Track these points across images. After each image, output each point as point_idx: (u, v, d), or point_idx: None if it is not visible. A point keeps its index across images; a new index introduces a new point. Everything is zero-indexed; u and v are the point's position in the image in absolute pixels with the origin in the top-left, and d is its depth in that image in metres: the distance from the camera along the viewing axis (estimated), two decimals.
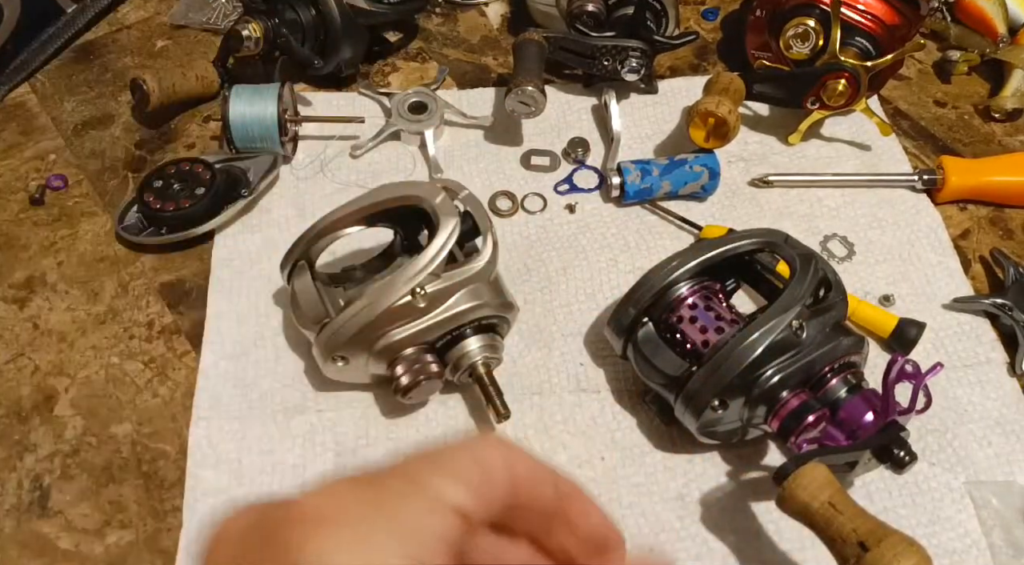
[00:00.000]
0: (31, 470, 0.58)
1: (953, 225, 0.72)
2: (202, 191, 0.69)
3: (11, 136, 0.78)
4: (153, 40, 0.87)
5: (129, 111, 0.80)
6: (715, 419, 0.53)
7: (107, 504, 0.57)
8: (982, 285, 0.69)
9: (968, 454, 0.59)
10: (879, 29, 0.74)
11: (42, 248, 0.70)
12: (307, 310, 0.58)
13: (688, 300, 0.57)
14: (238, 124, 0.71)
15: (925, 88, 0.84)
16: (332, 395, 0.61)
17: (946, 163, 0.73)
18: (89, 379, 0.63)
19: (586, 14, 0.78)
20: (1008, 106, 0.79)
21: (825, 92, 0.72)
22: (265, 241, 0.70)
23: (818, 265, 0.56)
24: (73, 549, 0.55)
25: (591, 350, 0.64)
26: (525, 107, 0.71)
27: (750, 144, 0.77)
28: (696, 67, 0.85)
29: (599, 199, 0.73)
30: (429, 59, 0.85)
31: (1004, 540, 0.55)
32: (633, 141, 0.78)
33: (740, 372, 0.51)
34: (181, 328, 0.65)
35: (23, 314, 0.66)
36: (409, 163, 0.76)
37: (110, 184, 0.75)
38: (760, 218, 0.72)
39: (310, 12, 0.76)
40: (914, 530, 0.55)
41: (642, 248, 0.70)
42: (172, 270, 0.69)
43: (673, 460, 0.59)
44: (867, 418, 0.53)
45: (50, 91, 0.82)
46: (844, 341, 0.54)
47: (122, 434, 0.60)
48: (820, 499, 0.48)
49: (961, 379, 0.63)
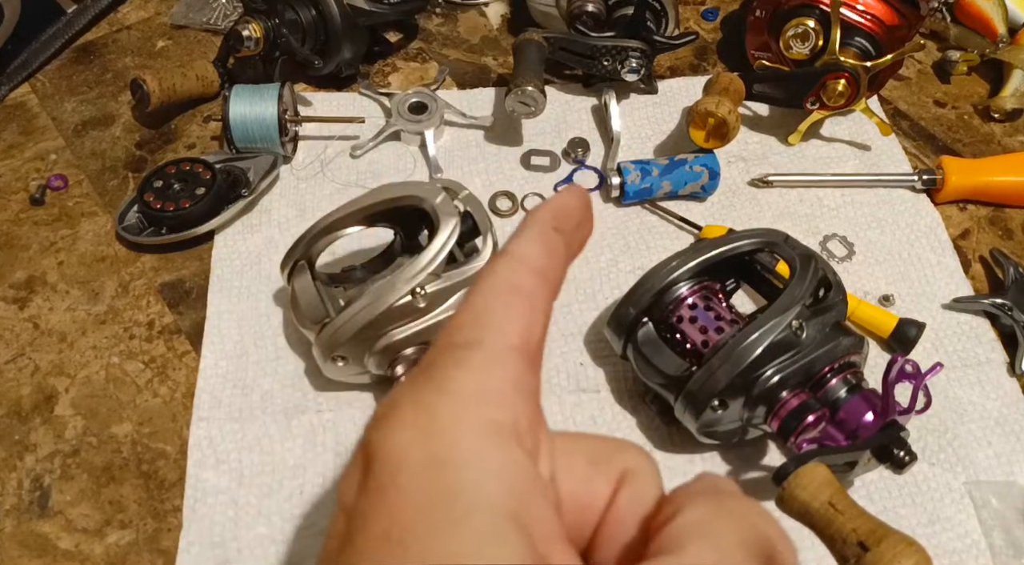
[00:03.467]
0: (31, 470, 0.58)
1: (953, 225, 0.72)
2: (202, 191, 0.69)
3: (11, 136, 0.78)
4: (153, 40, 0.87)
5: (129, 111, 0.80)
6: (715, 419, 0.53)
7: (107, 504, 0.57)
8: (982, 285, 0.69)
9: (968, 454, 0.59)
10: (879, 29, 0.74)
11: (42, 248, 0.70)
12: (307, 310, 0.58)
13: (688, 300, 0.57)
14: (238, 124, 0.71)
15: (925, 88, 0.84)
16: (332, 395, 0.61)
17: (946, 163, 0.73)
18: (89, 379, 0.63)
19: (586, 14, 0.78)
20: (1008, 106, 0.79)
21: (825, 92, 0.72)
22: (265, 241, 0.70)
23: (818, 265, 0.56)
24: (73, 549, 0.55)
25: (591, 350, 0.64)
26: (525, 107, 0.71)
27: (750, 144, 0.77)
28: (696, 67, 0.85)
29: (599, 199, 0.73)
30: (429, 59, 0.85)
31: (1004, 540, 0.55)
32: (633, 141, 0.78)
33: (740, 372, 0.51)
34: (181, 328, 0.65)
35: (23, 314, 0.66)
36: (409, 163, 0.76)
37: (110, 184, 0.75)
38: (760, 218, 0.72)
39: (310, 12, 0.76)
40: (914, 530, 0.55)
41: (642, 248, 0.70)
42: (172, 270, 0.69)
43: (673, 460, 0.59)
44: (867, 418, 0.53)
45: (50, 91, 0.82)
46: (844, 341, 0.54)
47: (122, 434, 0.60)
48: (820, 499, 0.48)
49: (961, 379, 0.63)
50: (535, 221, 0.24)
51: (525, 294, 0.23)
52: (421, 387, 0.21)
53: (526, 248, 0.24)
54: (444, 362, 0.21)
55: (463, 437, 0.20)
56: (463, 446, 0.19)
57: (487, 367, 0.21)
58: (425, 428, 0.20)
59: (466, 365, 0.21)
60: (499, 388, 0.21)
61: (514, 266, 0.23)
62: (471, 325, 0.22)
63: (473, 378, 0.21)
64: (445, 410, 0.20)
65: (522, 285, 0.23)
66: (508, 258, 0.23)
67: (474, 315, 0.22)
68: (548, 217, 0.25)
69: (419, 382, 0.21)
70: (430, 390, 0.21)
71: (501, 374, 0.21)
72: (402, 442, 0.20)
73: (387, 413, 0.20)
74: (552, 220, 0.25)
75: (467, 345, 0.21)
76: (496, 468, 0.19)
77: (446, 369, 0.21)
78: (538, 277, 0.23)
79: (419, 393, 0.21)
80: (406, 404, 0.20)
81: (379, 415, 0.21)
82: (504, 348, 0.21)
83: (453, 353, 0.21)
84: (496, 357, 0.21)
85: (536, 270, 0.23)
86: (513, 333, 0.22)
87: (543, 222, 0.24)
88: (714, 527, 0.21)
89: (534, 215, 0.25)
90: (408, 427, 0.20)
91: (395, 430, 0.20)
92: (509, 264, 0.23)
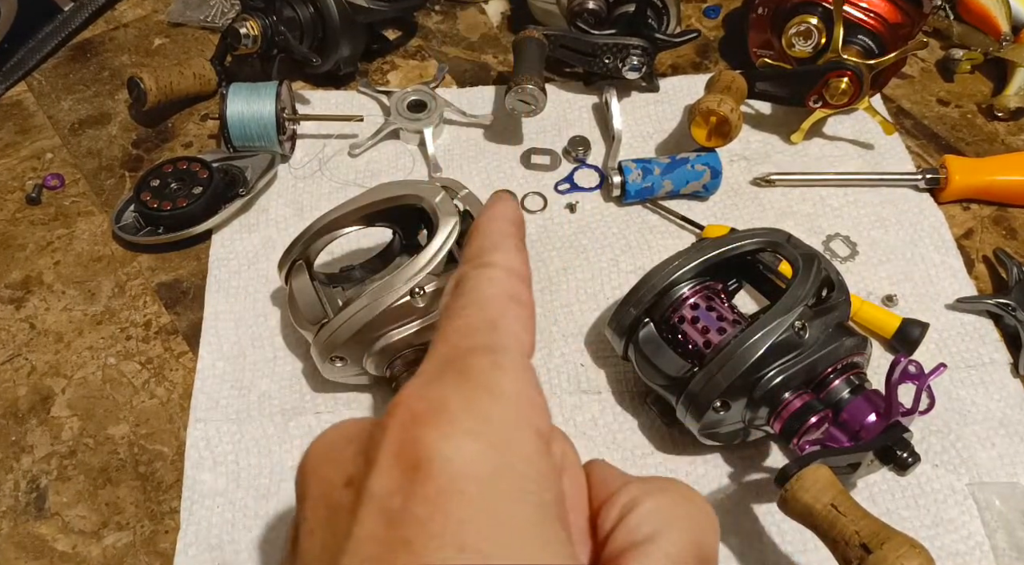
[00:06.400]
0: (28, 471, 0.58)
1: (956, 225, 0.72)
2: (199, 190, 0.68)
3: (8, 135, 0.78)
4: (150, 38, 0.86)
5: (126, 110, 0.80)
6: (717, 420, 0.53)
7: (104, 506, 0.56)
8: (985, 285, 0.68)
9: (971, 455, 0.58)
10: (882, 27, 0.74)
11: (39, 248, 0.70)
12: (305, 310, 0.58)
13: (690, 300, 0.57)
14: (236, 123, 0.71)
15: (928, 87, 0.83)
16: (331, 396, 0.61)
17: (949, 162, 0.72)
18: (86, 380, 0.62)
19: (587, 12, 0.78)
20: (1011, 105, 0.79)
21: (828, 90, 0.72)
22: (263, 241, 0.70)
23: (821, 265, 0.55)
24: (70, 551, 0.55)
25: (592, 351, 0.63)
26: (525, 105, 0.70)
27: (752, 143, 0.77)
28: (698, 65, 0.85)
29: (600, 198, 0.73)
30: (428, 57, 0.85)
31: (1007, 542, 0.54)
32: (634, 140, 0.77)
33: (742, 373, 0.51)
34: (178, 328, 0.65)
35: (19, 314, 0.66)
36: (408, 162, 0.76)
37: (107, 183, 0.74)
38: (762, 217, 0.72)
39: (308, 10, 0.76)
40: (917, 532, 0.54)
41: (643, 248, 0.70)
42: (169, 270, 0.68)
43: (675, 462, 0.58)
44: (870, 419, 0.52)
45: (47, 90, 0.81)
46: (847, 342, 0.53)
47: (119, 435, 0.59)
48: (823, 501, 0.47)
49: (964, 380, 0.62)
50: (506, 235, 0.26)
51: (524, 303, 0.24)
52: (466, 389, 0.21)
53: (514, 259, 0.25)
54: (481, 365, 0.21)
55: (521, 446, 0.20)
56: (521, 454, 0.20)
57: (520, 373, 0.21)
58: (486, 435, 0.20)
59: (503, 370, 0.21)
60: (533, 394, 0.21)
61: (511, 278, 0.24)
62: (488, 331, 0.22)
63: (514, 383, 0.21)
64: (502, 416, 0.20)
65: (521, 295, 0.24)
66: (502, 270, 0.24)
67: (488, 322, 0.23)
68: (515, 230, 0.26)
69: (460, 382, 0.21)
70: (481, 393, 0.21)
71: (531, 379, 0.22)
72: (465, 449, 0.19)
73: (436, 415, 0.20)
74: (519, 231, 0.26)
75: (493, 350, 0.22)
76: (546, 475, 0.20)
77: (486, 372, 0.21)
78: (528, 287, 0.25)
79: (469, 395, 0.20)
80: (457, 406, 0.20)
81: (423, 416, 0.20)
82: (523, 355, 0.22)
83: (485, 356, 0.21)
84: (522, 363, 0.22)
85: (525, 280, 0.25)
86: (527, 341, 0.23)
87: (514, 234, 0.26)
88: (677, 514, 0.23)
89: (502, 227, 0.26)
90: (469, 434, 0.20)
91: (454, 436, 0.19)
92: (507, 275, 0.24)
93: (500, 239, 0.25)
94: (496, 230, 0.26)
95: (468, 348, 0.22)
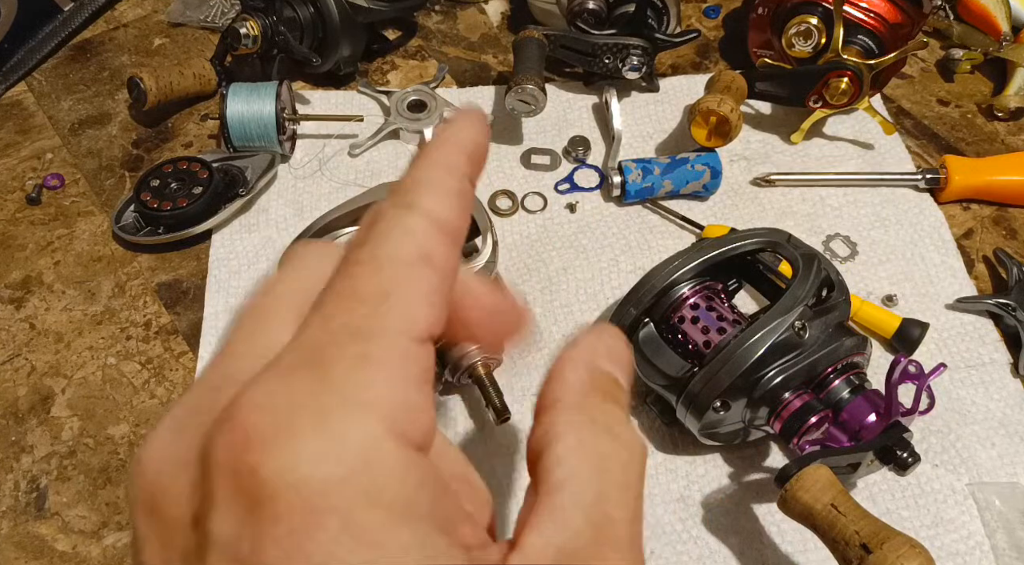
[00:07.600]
0: (28, 471, 0.58)
1: (956, 225, 0.72)
2: (199, 190, 0.68)
3: (8, 135, 0.78)
4: (150, 38, 0.86)
5: (126, 110, 0.80)
6: (717, 420, 0.53)
7: (104, 506, 0.56)
8: (985, 285, 0.68)
9: (971, 455, 0.58)
10: (882, 27, 0.74)
11: (39, 248, 0.70)
12: None
13: (690, 300, 0.57)
14: (236, 123, 0.71)
15: (928, 87, 0.83)
16: None
17: (949, 162, 0.72)
18: (86, 380, 0.62)
19: (587, 11, 0.78)
20: (1011, 105, 0.79)
21: (828, 90, 0.72)
22: (263, 241, 0.70)
23: (821, 265, 0.55)
24: (70, 551, 0.55)
25: None
26: (525, 105, 0.70)
27: (752, 143, 0.77)
28: (698, 65, 0.85)
29: (600, 198, 0.73)
30: (428, 57, 0.85)
31: (1007, 542, 0.54)
32: (634, 140, 0.77)
33: (742, 373, 0.51)
34: (178, 328, 0.65)
35: (20, 314, 0.66)
36: (408, 162, 0.75)
37: (107, 183, 0.74)
38: (762, 217, 0.72)
39: (308, 9, 0.76)
40: (917, 532, 0.54)
41: (643, 248, 0.70)
42: (169, 270, 0.68)
43: (674, 462, 0.58)
44: (870, 419, 0.52)
45: (47, 90, 0.81)
46: (847, 342, 0.53)
47: (119, 435, 0.59)
48: (823, 501, 0.47)
49: (964, 380, 0.62)
50: (450, 169, 0.20)
51: (438, 266, 0.19)
52: (321, 395, 0.17)
53: (443, 204, 0.19)
54: (345, 361, 0.17)
55: (384, 464, 0.17)
56: (386, 473, 0.17)
57: (395, 369, 0.18)
58: (341, 458, 0.16)
59: (372, 367, 0.17)
60: (409, 395, 0.18)
61: (430, 229, 0.19)
62: (375, 303, 0.18)
63: (384, 384, 0.17)
64: (361, 432, 0.17)
65: (435, 255, 0.19)
66: (422, 217, 0.19)
67: (380, 290, 0.18)
68: (464, 163, 0.21)
69: (315, 384, 0.17)
70: (337, 403, 0.17)
71: (409, 373, 0.18)
72: (315, 478, 0.16)
73: (276, 434, 0.16)
74: (467, 166, 0.21)
75: (367, 336, 0.18)
76: (420, 490, 0.17)
77: (349, 372, 0.17)
78: (453, 244, 0.19)
79: (323, 404, 0.17)
80: (305, 422, 0.16)
81: (261, 436, 0.16)
82: (410, 339, 0.18)
83: (353, 346, 0.17)
84: (402, 352, 0.18)
85: (452, 235, 0.19)
86: (423, 318, 0.18)
87: (459, 171, 0.20)
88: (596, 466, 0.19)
89: (447, 159, 0.20)
90: (318, 458, 0.16)
91: (299, 464, 0.16)
92: (426, 225, 0.19)
93: (436, 173, 0.20)
94: (436, 161, 0.20)
95: (336, 332, 0.18)
